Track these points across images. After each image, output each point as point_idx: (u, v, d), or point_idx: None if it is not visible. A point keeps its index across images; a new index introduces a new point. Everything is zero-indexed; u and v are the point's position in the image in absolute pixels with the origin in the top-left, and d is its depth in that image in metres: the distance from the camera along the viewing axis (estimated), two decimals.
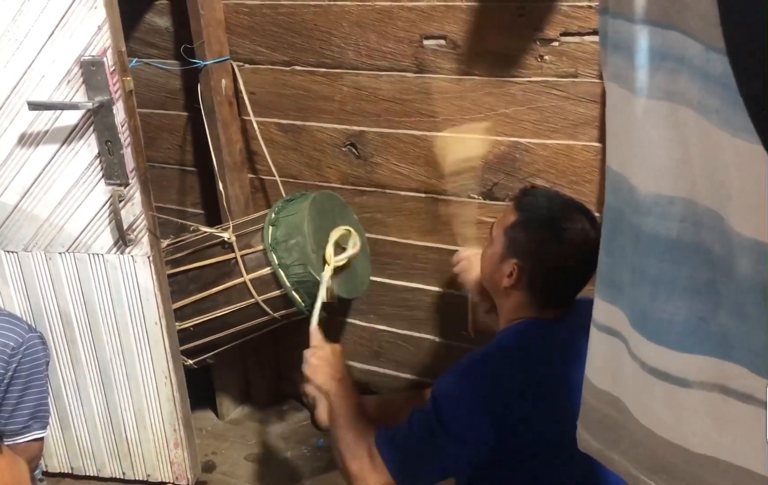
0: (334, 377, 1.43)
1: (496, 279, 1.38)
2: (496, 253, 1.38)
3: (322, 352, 1.46)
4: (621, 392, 0.80)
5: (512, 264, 1.35)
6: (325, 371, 1.43)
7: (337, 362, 1.45)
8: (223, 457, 2.14)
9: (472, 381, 1.30)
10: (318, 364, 1.44)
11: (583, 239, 1.30)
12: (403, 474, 1.31)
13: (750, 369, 0.65)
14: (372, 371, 2.08)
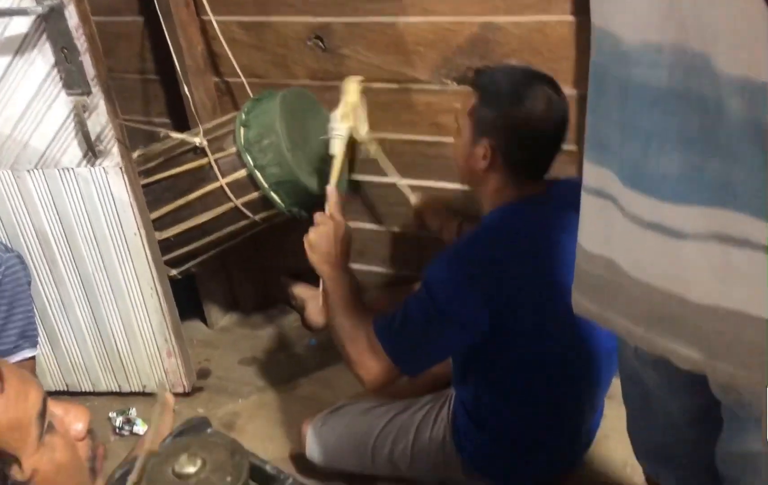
0: (329, 261, 1.42)
1: (472, 165, 1.38)
2: (466, 140, 1.38)
3: (325, 228, 1.43)
4: (614, 253, 0.81)
5: (484, 145, 1.35)
6: (322, 251, 1.42)
7: (338, 244, 1.43)
8: (217, 363, 2.19)
9: (462, 263, 1.32)
10: (316, 242, 1.43)
11: (547, 102, 1.31)
12: (402, 358, 1.34)
13: (745, 213, 0.67)
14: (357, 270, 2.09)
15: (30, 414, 0.72)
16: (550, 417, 1.46)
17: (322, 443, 1.64)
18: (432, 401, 1.61)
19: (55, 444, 0.74)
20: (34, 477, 0.72)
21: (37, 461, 0.72)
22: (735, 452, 0.87)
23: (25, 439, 0.71)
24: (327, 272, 1.43)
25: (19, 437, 0.71)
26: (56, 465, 0.74)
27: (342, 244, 1.45)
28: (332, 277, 1.43)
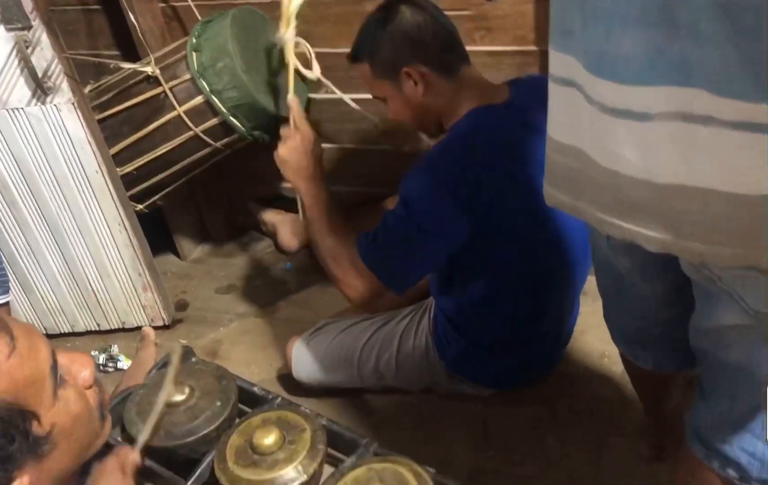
0: (304, 175, 1.41)
1: (415, 103, 1.38)
2: (393, 94, 1.39)
3: (293, 142, 1.41)
4: (582, 142, 0.82)
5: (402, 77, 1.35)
6: (295, 167, 1.41)
7: (309, 156, 1.41)
8: (194, 294, 2.20)
9: (436, 174, 1.32)
10: (287, 157, 1.41)
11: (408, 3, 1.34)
12: (387, 275, 1.35)
13: (709, 90, 0.67)
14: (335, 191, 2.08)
15: (43, 368, 0.73)
16: (529, 316, 1.51)
17: (307, 362, 1.67)
18: (412, 312, 1.65)
19: (69, 397, 0.75)
20: (53, 431, 0.73)
21: (54, 415, 0.73)
22: (707, 327, 0.90)
23: (41, 394, 0.72)
24: (303, 186, 1.41)
25: (36, 392, 0.72)
26: (72, 416, 0.75)
27: (313, 156, 1.43)
28: (309, 191, 1.41)
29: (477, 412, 1.62)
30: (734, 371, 0.89)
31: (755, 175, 0.68)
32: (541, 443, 1.54)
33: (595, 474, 1.46)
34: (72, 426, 0.76)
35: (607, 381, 1.64)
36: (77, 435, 0.77)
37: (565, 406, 1.60)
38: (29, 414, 0.71)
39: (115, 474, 1.32)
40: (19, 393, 0.70)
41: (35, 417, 0.71)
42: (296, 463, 1.34)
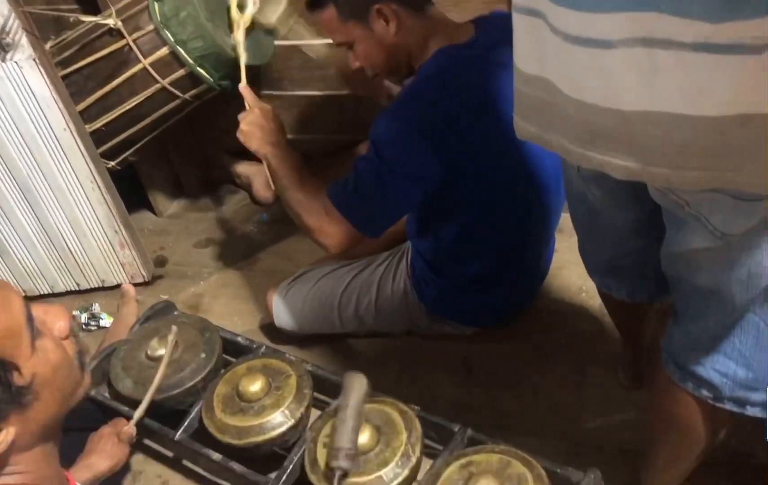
0: (268, 141, 1.41)
1: (387, 43, 1.35)
2: (365, 38, 1.35)
3: (252, 116, 1.41)
4: (548, 72, 0.81)
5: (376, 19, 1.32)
6: (258, 136, 1.41)
7: (269, 123, 1.41)
8: (172, 250, 2.19)
9: (406, 116, 1.31)
10: (249, 130, 1.41)
11: None
12: (361, 220, 1.35)
13: (668, 12, 0.67)
14: (299, 139, 2.07)
15: (18, 320, 0.75)
16: (506, 253, 1.52)
17: (288, 310, 1.68)
18: (390, 256, 1.65)
19: (47, 347, 0.76)
20: (33, 381, 0.75)
21: (34, 365, 0.75)
22: (677, 252, 0.92)
23: (19, 345, 0.74)
24: (270, 151, 1.41)
25: (14, 344, 0.74)
26: (51, 366, 0.77)
27: (275, 122, 1.43)
28: (276, 155, 1.41)
29: (459, 351, 1.65)
30: (705, 294, 0.91)
31: (717, 97, 0.69)
32: (523, 377, 1.57)
33: (576, 404, 1.50)
34: (53, 375, 0.77)
35: (585, 314, 1.67)
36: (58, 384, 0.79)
37: (545, 341, 1.64)
38: (9, 365, 0.72)
39: (112, 439, 1.36)
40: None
41: (15, 368, 0.73)
42: (283, 408, 1.37)
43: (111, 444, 1.35)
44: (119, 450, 1.36)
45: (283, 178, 1.39)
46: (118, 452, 1.35)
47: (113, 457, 1.34)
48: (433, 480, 1.20)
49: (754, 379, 0.93)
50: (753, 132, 0.69)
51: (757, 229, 0.80)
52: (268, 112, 1.43)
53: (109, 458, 1.33)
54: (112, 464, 1.33)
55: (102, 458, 1.32)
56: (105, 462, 1.32)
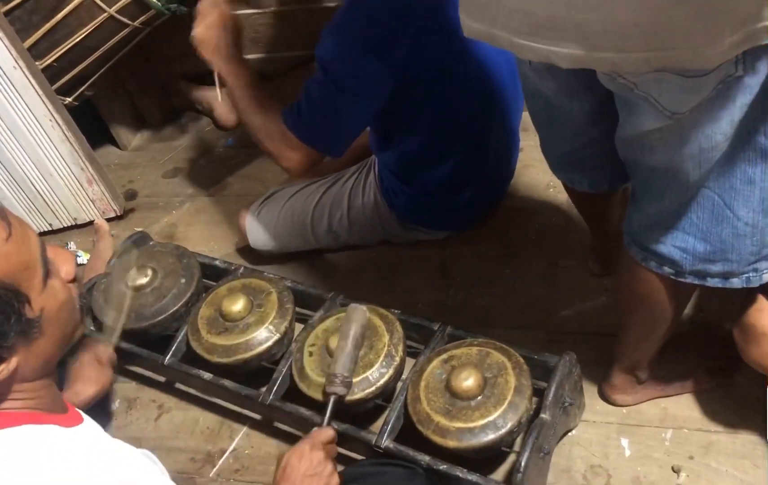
0: (224, 55, 1.36)
1: None
2: None
3: (210, 18, 1.35)
4: None
5: None
6: (213, 45, 1.35)
7: (227, 32, 1.36)
8: (141, 182, 2.17)
9: (350, 30, 1.29)
10: (205, 37, 1.35)
11: None
12: (319, 142, 1.35)
13: None
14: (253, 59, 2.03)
15: (35, 256, 0.78)
16: (470, 155, 1.53)
17: (262, 231, 1.69)
18: (358, 169, 1.66)
19: (56, 286, 0.79)
20: (42, 315, 0.78)
21: (44, 300, 0.78)
22: (631, 136, 0.94)
23: (33, 279, 0.77)
24: (223, 67, 1.37)
25: (29, 276, 0.76)
26: (59, 303, 0.80)
27: (233, 33, 1.37)
28: (230, 72, 1.37)
29: (434, 256, 1.69)
30: (660, 173, 0.94)
31: None
32: (498, 274, 1.62)
33: (550, 294, 1.55)
34: (58, 312, 0.80)
35: (554, 209, 1.71)
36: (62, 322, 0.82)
37: (517, 238, 1.68)
38: (23, 296, 0.76)
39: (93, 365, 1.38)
40: (15, 276, 0.75)
41: (27, 300, 0.76)
42: (267, 323, 1.40)
43: (93, 370, 1.37)
44: (102, 373, 1.37)
45: (239, 99, 1.37)
46: (101, 376, 1.36)
47: (98, 382, 1.35)
48: (417, 376, 1.26)
49: (712, 251, 0.98)
50: (691, 8, 0.71)
51: (705, 105, 0.82)
52: (228, 15, 1.36)
53: (94, 383, 1.34)
54: (98, 388, 1.34)
55: (87, 384, 1.33)
56: (91, 388, 1.33)
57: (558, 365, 1.23)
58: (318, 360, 1.32)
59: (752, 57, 0.78)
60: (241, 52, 1.40)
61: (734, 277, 1.00)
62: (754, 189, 0.92)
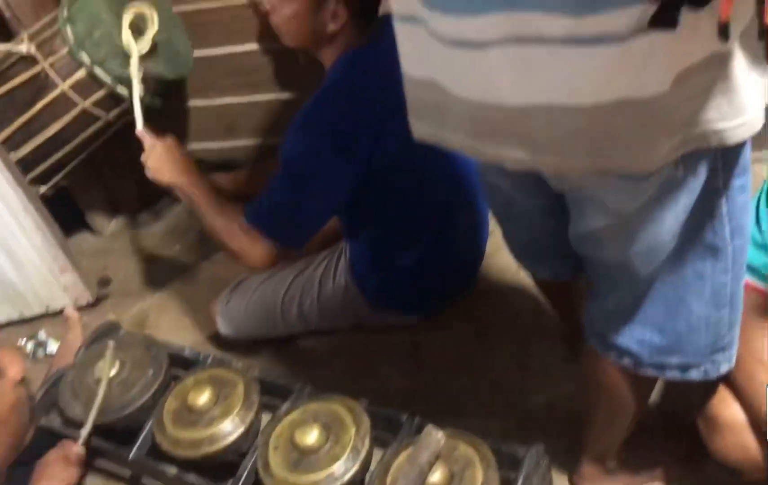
0: (179, 172, 1.42)
1: (315, 30, 1.34)
2: (303, 8, 1.33)
3: (157, 152, 1.43)
4: (434, 73, 0.84)
5: (332, 6, 1.31)
6: (167, 169, 1.42)
7: (175, 155, 1.43)
8: (116, 269, 2.17)
9: (313, 128, 1.32)
10: (157, 166, 1.42)
11: None
12: (282, 236, 1.37)
13: (535, 11, 0.69)
14: (230, 147, 2.07)
15: None
16: (439, 241, 1.55)
17: (232, 318, 1.69)
18: (328, 255, 1.67)
19: (4, 388, 0.77)
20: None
21: None
22: (582, 233, 0.96)
23: None
24: (183, 181, 1.43)
25: None
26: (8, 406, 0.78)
27: (179, 151, 1.45)
28: (189, 182, 1.43)
29: (405, 341, 1.68)
30: (613, 269, 0.95)
31: (590, 86, 0.72)
32: (469, 359, 1.62)
33: (521, 380, 1.55)
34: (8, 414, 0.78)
35: (524, 292, 1.72)
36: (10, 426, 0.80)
37: (488, 322, 1.68)
38: None
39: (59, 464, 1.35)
40: None
41: None
42: (232, 416, 1.38)
43: (60, 469, 1.34)
44: (69, 473, 1.34)
45: (199, 206, 1.41)
46: (67, 476, 1.34)
47: (63, 481, 1.32)
48: (384, 469, 1.24)
49: (669, 344, 0.98)
50: (628, 116, 0.73)
51: (650, 205, 0.84)
52: (171, 144, 1.45)
53: (59, 483, 1.31)
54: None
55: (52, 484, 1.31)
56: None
57: (525, 458, 1.22)
58: (283, 455, 1.30)
59: (692, 159, 0.80)
60: (193, 164, 1.46)
61: (692, 369, 1.00)
62: (705, 283, 0.93)
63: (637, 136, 0.75)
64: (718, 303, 0.94)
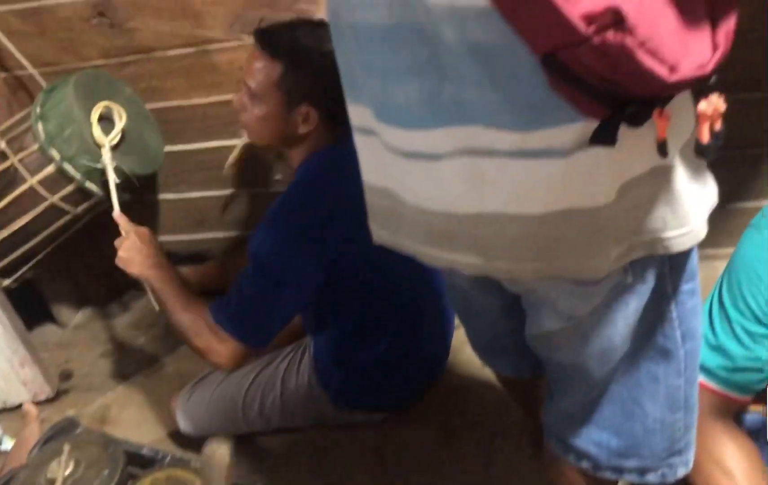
0: (149, 265, 1.42)
1: (286, 132, 1.37)
2: (275, 110, 1.35)
3: (129, 242, 1.43)
4: (390, 182, 0.86)
5: (304, 109, 1.34)
6: (137, 261, 1.42)
7: (147, 246, 1.43)
8: (78, 362, 2.13)
9: (282, 226, 1.34)
10: (128, 256, 1.42)
11: None
12: (248, 336, 1.36)
13: (484, 125, 0.72)
14: (200, 239, 2.09)
15: None
16: (404, 337, 1.55)
17: (192, 415, 1.65)
18: (292, 351, 1.66)
19: None
20: None
21: None
22: (537, 334, 0.97)
23: None
24: (152, 274, 1.43)
25: None
26: None
27: (152, 244, 1.45)
28: (159, 276, 1.42)
29: (370, 439, 1.65)
30: (568, 371, 0.96)
31: (538, 197, 0.75)
32: (434, 458, 1.58)
33: (485, 479, 1.52)
34: None
35: (490, 388, 1.70)
36: None
37: (453, 419, 1.66)
38: None
39: None
40: None
41: None
42: None
43: None
44: None
45: (166, 301, 1.40)
46: None
47: None
48: None
49: (626, 447, 0.98)
50: (576, 224, 0.76)
51: (601, 309, 0.85)
52: (145, 235, 1.46)
53: None
54: None
55: None
56: None
57: None
58: None
59: (640, 266, 0.83)
60: (165, 259, 1.46)
61: (650, 473, 1.00)
62: (659, 386, 0.94)
63: (585, 244, 0.78)
64: (673, 406, 0.95)
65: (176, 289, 1.41)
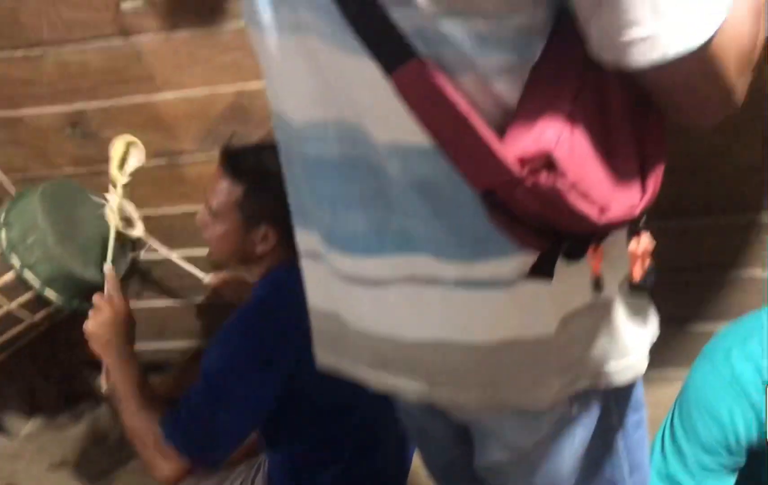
0: (112, 352, 1.38)
1: (244, 250, 1.39)
2: (233, 230, 1.37)
3: (102, 316, 1.39)
4: (335, 306, 0.87)
5: (262, 230, 1.36)
6: (104, 341, 1.38)
7: (118, 328, 1.39)
8: (25, 476, 2.04)
9: (236, 343, 1.32)
10: (96, 332, 1.38)
11: None
12: (194, 452, 1.32)
13: (429, 255, 0.74)
14: (160, 349, 2.06)
15: None
16: (364, 452, 1.51)
17: None
18: (245, 469, 1.60)
19: None
20: None
21: None
22: (485, 464, 0.96)
23: None
24: (111, 362, 1.39)
25: None
26: None
27: (124, 329, 1.41)
28: (117, 367, 1.38)
29: None
30: None
31: (481, 326, 0.76)
32: None
33: None
34: None
35: None
36: None
37: None
38: None
39: None
40: None
41: None
42: None
43: None
44: None
45: (122, 395, 1.36)
46: None
47: None
48: None
49: None
50: (518, 354, 0.77)
51: (547, 440, 0.85)
52: (122, 312, 1.42)
53: None
54: None
55: None
56: None
57: None
58: None
59: (584, 398, 0.83)
60: (131, 348, 1.42)
61: None
62: None
63: (528, 374, 0.78)
64: None
65: (135, 387, 1.36)
